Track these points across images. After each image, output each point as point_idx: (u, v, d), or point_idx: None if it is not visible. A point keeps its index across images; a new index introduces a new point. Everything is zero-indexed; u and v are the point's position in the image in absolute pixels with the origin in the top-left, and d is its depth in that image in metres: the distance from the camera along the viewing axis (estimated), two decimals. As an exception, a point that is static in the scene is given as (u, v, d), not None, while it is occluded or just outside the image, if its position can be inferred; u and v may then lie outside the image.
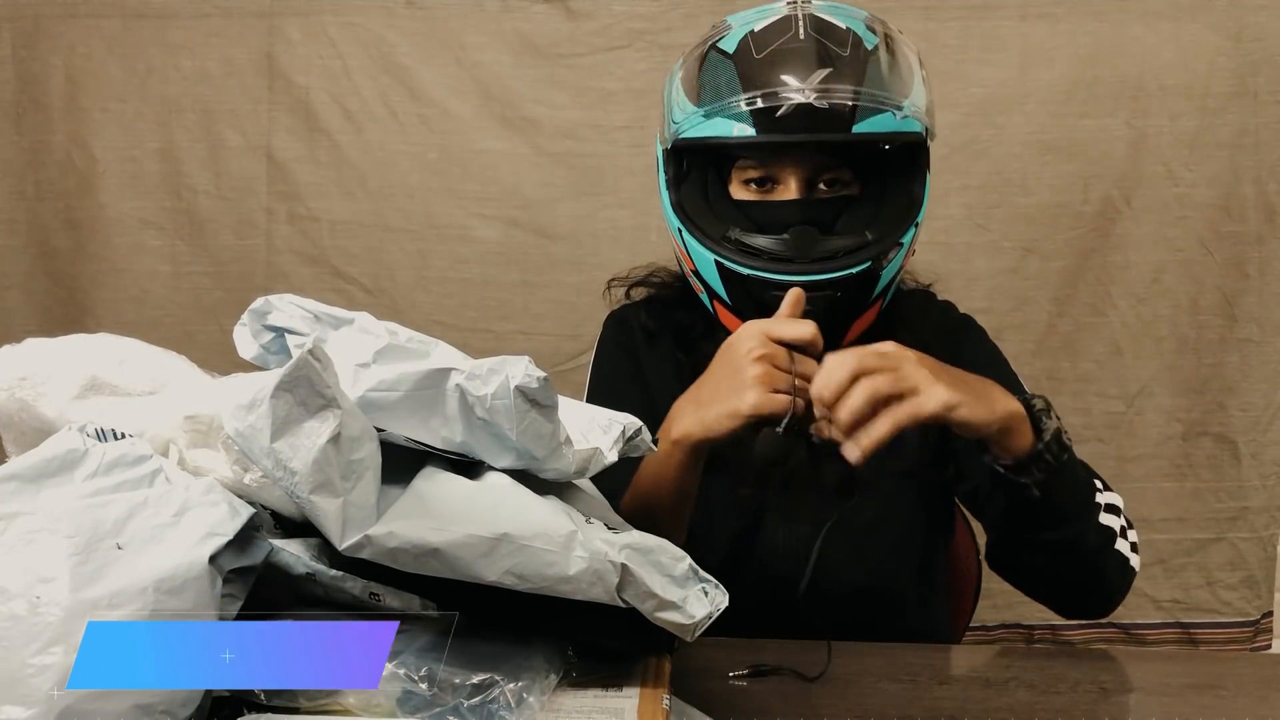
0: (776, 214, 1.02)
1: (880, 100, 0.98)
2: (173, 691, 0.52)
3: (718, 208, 1.05)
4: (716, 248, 1.02)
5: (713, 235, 1.02)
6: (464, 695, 0.58)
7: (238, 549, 0.57)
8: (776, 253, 1.00)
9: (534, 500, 0.65)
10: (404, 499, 0.61)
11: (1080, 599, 1.04)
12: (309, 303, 0.72)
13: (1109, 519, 0.98)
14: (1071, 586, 1.02)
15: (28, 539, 0.52)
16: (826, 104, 0.96)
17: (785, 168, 1.02)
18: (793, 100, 0.96)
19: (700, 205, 1.05)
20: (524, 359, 0.65)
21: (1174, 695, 0.87)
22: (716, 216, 1.04)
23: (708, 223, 1.04)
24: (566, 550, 0.61)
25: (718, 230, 1.03)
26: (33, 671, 0.48)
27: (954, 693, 0.85)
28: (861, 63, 0.99)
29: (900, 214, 1.02)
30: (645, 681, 0.66)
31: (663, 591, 0.64)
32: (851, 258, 0.99)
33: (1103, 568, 0.98)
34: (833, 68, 0.98)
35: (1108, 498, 1.00)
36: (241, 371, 0.73)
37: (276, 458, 0.56)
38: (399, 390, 0.64)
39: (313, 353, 0.56)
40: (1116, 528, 0.99)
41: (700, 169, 1.06)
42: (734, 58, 1.01)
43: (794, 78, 0.97)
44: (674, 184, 1.07)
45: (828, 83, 0.97)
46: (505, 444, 0.65)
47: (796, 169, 1.02)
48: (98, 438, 0.59)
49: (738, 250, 1.01)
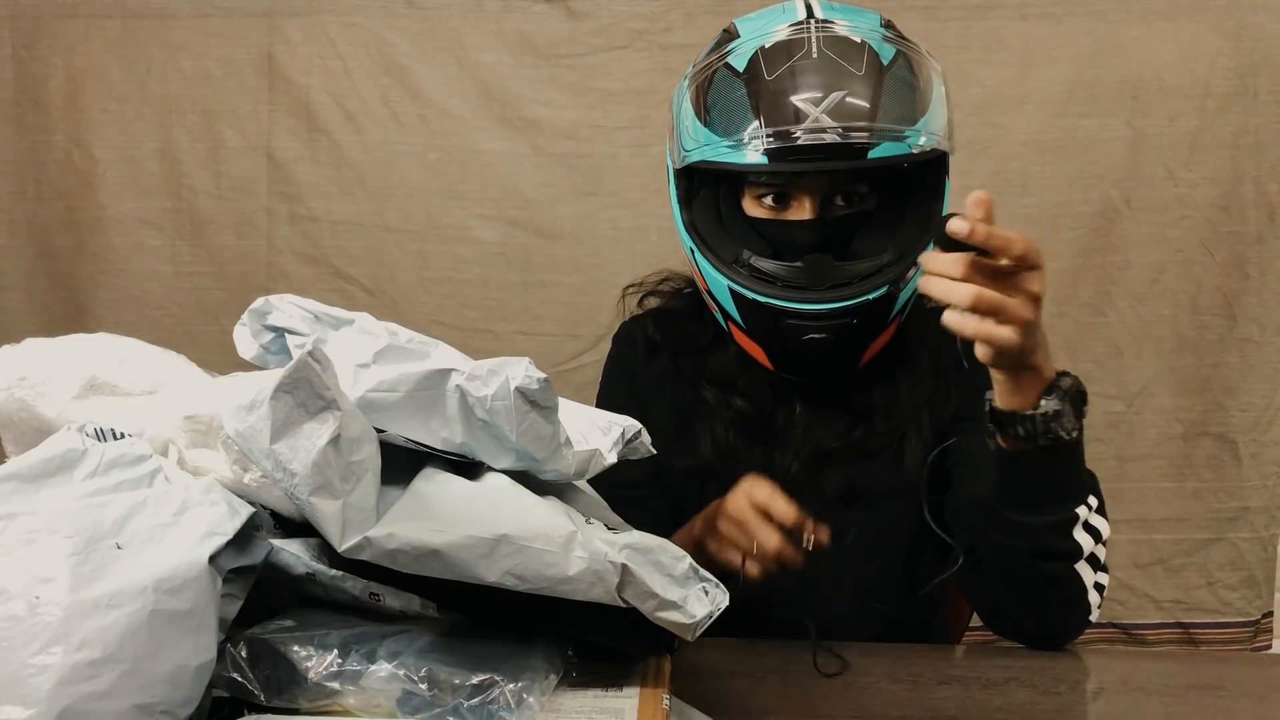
0: (792, 236, 1.00)
1: (895, 129, 0.96)
2: (173, 691, 0.52)
3: (732, 228, 1.03)
4: (730, 273, 1.00)
5: (725, 259, 1.01)
6: (464, 696, 0.58)
7: (237, 548, 0.57)
8: (791, 280, 0.99)
9: (534, 501, 0.65)
10: (403, 500, 0.61)
11: (1032, 608, 0.96)
12: (309, 303, 0.72)
13: (1084, 538, 0.93)
14: (1025, 593, 0.96)
15: (27, 539, 0.52)
16: (840, 134, 0.94)
17: (800, 189, 1.01)
18: (804, 138, 0.94)
19: (713, 225, 1.04)
20: (524, 360, 0.65)
21: (1174, 695, 0.87)
22: (730, 238, 1.02)
23: (721, 244, 1.02)
24: (566, 551, 0.61)
25: (731, 253, 1.01)
26: (32, 671, 0.48)
27: (954, 693, 0.85)
28: (877, 82, 0.96)
29: (918, 232, 1.00)
30: (645, 681, 0.66)
31: (663, 591, 0.64)
32: (867, 284, 0.97)
33: (1059, 578, 0.93)
34: (847, 90, 0.95)
35: (1096, 520, 0.94)
36: (242, 371, 0.73)
37: (276, 459, 0.56)
38: (399, 391, 0.63)
39: (313, 354, 0.56)
40: (1087, 549, 0.93)
41: (712, 186, 1.05)
42: (744, 77, 0.99)
43: (807, 103, 0.95)
44: (685, 202, 1.05)
45: (843, 110, 0.95)
46: (505, 445, 0.65)
47: (811, 191, 1.00)
48: (97, 437, 0.59)
49: (751, 277, 1.00)
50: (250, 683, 0.58)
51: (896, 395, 1.07)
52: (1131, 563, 1.80)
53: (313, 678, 0.58)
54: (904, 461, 1.07)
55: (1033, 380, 0.88)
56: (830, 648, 0.89)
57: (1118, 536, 1.78)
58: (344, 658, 0.58)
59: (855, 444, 1.07)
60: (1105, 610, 1.77)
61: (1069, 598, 0.94)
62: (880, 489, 1.07)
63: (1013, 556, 0.94)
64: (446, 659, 0.59)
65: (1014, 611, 0.97)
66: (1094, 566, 0.95)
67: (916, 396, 1.07)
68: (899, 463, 1.07)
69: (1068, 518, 0.92)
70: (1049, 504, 0.92)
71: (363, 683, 0.58)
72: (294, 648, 0.58)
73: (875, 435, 1.07)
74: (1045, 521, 0.91)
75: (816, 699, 0.81)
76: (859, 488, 1.07)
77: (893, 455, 1.08)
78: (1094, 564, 0.95)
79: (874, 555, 1.08)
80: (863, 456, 1.08)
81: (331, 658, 0.58)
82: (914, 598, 1.08)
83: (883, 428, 1.07)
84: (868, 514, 1.07)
